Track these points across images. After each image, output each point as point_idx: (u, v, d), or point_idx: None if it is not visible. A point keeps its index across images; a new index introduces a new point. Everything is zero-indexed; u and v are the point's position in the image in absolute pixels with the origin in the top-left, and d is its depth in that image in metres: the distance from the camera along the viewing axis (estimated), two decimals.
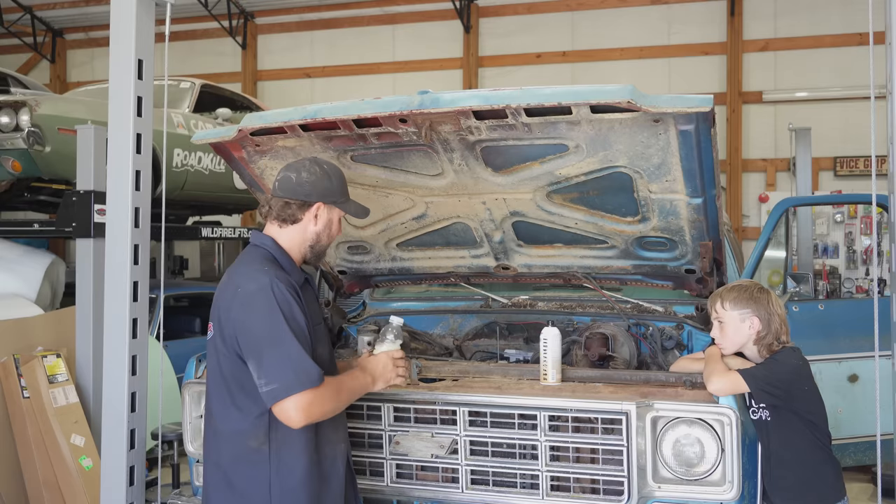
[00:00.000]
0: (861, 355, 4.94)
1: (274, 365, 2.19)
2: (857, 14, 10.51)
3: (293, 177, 2.46)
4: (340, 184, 2.54)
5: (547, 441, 2.65)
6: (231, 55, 13.43)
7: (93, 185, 4.73)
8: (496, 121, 2.63)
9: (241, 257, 2.49)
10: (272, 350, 2.19)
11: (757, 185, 11.34)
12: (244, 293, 2.27)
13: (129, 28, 3.31)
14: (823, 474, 2.73)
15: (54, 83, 14.12)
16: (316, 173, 2.48)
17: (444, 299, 4.15)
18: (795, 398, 2.68)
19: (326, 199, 2.49)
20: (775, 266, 7.85)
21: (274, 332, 2.21)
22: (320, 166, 2.51)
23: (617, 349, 3.27)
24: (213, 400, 2.37)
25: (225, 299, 2.32)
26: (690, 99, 2.42)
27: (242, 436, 2.29)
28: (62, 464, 4.32)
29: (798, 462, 2.73)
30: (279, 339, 2.20)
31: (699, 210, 2.96)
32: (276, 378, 2.18)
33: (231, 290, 2.31)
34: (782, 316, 2.78)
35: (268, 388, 2.18)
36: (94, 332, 4.55)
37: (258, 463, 2.28)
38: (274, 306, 2.23)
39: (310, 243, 2.51)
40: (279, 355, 2.19)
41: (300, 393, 2.18)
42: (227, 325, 2.27)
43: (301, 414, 2.19)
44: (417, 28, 12.65)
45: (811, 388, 2.74)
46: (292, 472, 2.29)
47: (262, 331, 2.21)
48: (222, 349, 2.30)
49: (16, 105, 5.56)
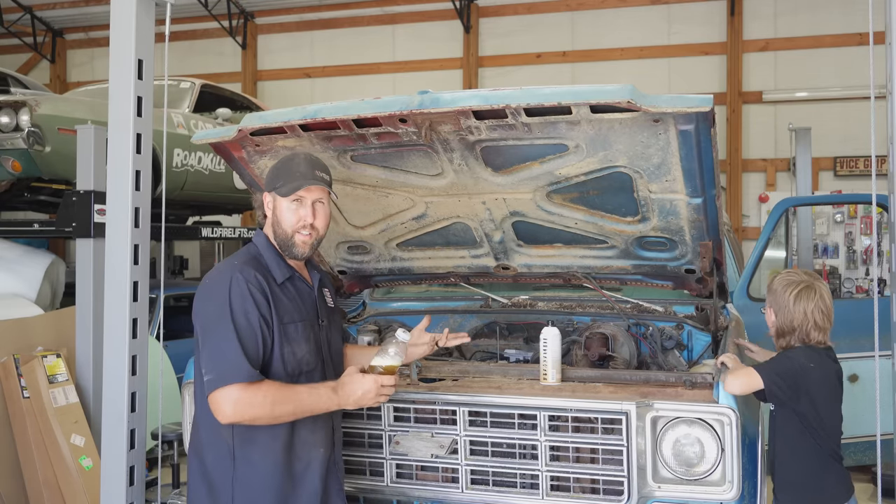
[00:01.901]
0: (861, 355, 4.94)
1: (212, 355, 2.22)
2: (857, 14, 10.52)
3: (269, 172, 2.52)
4: (287, 168, 2.44)
5: (547, 441, 2.65)
6: (231, 55, 13.43)
7: (93, 185, 4.73)
8: (496, 121, 2.63)
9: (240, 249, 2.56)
10: (213, 341, 2.23)
11: (757, 185, 11.34)
12: (205, 285, 2.34)
13: (129, 28, 3.31)
14: (821, 480, 2.73)
15: (54, 83, 14.12)
16: (279, 163, 2.49)
17: (444, 299, 4.15)
18: (801, 400, 2.67)
19: (268, 188, 2.48)
20: (775, 266, 7.85)
21: (218, 323, 2.23)
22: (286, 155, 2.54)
23: (617, 349, 3.27)
24: (196, 394, 2.41)
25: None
26: (690, 99, 2.42)
27: (212, 427, 2.31)
28: (62, 464, 4.32)
29: (796, 463, 2.74)
30: (221, 331, 2.22)
31: (699, 210, 2.96)
32: (212, 368, 2.21)
33: (204, 284, 2.38)
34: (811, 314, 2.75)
35: (207, 377, 2.22)
36: (94, 332, 4.55)
37: (223, 456, 2.30)
38: (225, 298, 2.25)
39: (273, 236, 2.49)
40: (217, 347, 2.21)
41: (228, 386, 2.18)
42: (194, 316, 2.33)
43: (228, 407, 2.18)
44: (417, 28, 12.65)
45: (823, 395, 2.70)
46: (255, 468, 2.29)
47: (210, 321, 2.26)
48: (196, 342, 2.36)
49: (16, 105, 5.56)
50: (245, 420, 2.22)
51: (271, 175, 2.47)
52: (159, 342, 4.24)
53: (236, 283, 2.28)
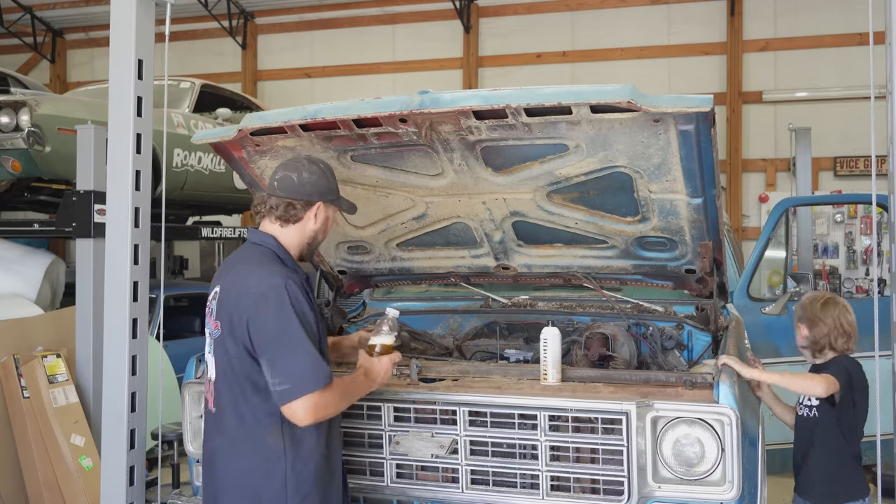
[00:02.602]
0: (861, 355, 4.93)
1: (287, 365, 2.21)
2: (857, 14, 10.52)
3: (294, 177, 2.48)
4: (335, 181, 2.59)
5: (547, 441, 2.65)
6: (231, 55, 13.43)
7: (93, 185, 4.73)
8: (496, 121, 2.63)
9: (244, 256, 2.47)
10: (285, 351, 2.21)
11: (757, 185, 11.34)
12: (258, 293, 2.27)
13: (129, 28, 3.31)
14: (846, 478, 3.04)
15: (54, 83, 14.12)
16: (316, 172, 2.51)
17: (444, 299, 4.15)
18: (849, 402, 2.98)
19: (326, 198, 2.53)
20: (775, 266, 7.84)
21: (287, 332, 2.22)
22: (317, 165, 2.54)
23: (617, 349, 3.27)
24: (225, 400, 2.35)
25: (236, 298, 2.31)
26: (690, 99, 2.42)
27: (258, 433, 2.29)
28: (62, 464, 4.32)
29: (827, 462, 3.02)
30: (292, 340, 2.22)
31: (699, 210, 2.96)
32: (289, 378, 2.21)
33: (243, 290, 2.31)
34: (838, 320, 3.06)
35: (281, 387, 2.21)
36: (94, 332, 4.55)
37: (274, 459, 2.29)
38: (287, 307, 2.24)
39: (308, 241, 2.54)
40: (292, 356, 2.21)
41: (311, 394, 2.21)
42: (240, 324, 2.27)
43: (310, 414, 2.22)
44: (417, 28, 12.65)
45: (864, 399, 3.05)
46: (306, 465, 2.32)
47: (276, 331, 2.23)
48: (233, 349, 2.29)
49: (16, 105, 5.55)
50: (321, 419, 2.28)
51: (325, 184, 2.51)
52: (159, 342, 4.24)
53: (291, 289, 2.28)
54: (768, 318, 4.91)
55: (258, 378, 2.26)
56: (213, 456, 2.42)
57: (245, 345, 2.26)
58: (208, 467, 2.44)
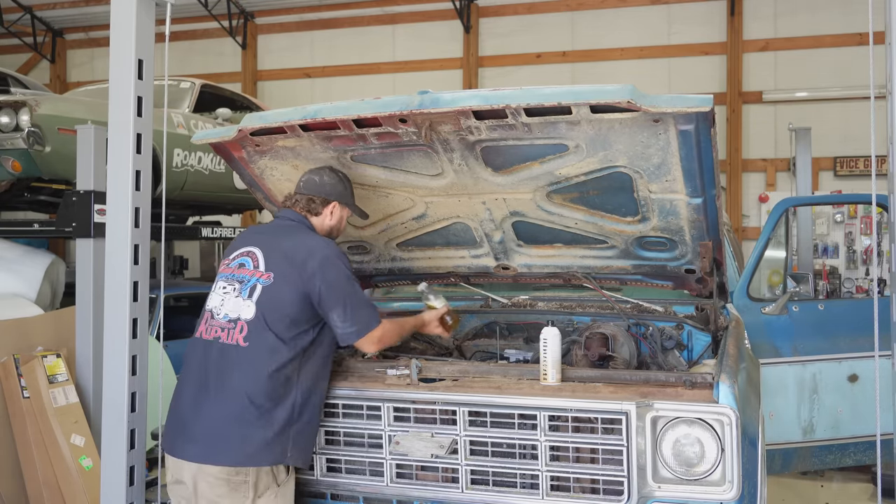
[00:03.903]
0: (861, 355, 4.93)
1: (356, 312, 2.74)
2: (857, 14, 10.53)
3: (316, 178, 2.99)
4: (351, 189, 3.06)
5: (547, 441, 2.65)
6: (231, 55, 13.43)
7: (93, 185, 4.72)
8: (496, 121, 2.63)
9: (285, 226, 2.93)
10: (353, 299, 2.75)
11: (757, 185, 11.35)
12: (324, 256, 2.76)
13: (129, 28, 3.31)
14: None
15: (54, 83, 14.13)
16: (334, 178, 3.00)
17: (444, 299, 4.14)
18: None
19: (341, 200, 3.00)
20: (775, 266, 7.85)
21: (351, 285, 2.78)
22: (336, 173, 3.03)
23: (617, 349, 3.27)
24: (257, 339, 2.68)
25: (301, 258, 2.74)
26: (690, 99, 2.42)
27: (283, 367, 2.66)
28: (62, 464, 4.32)
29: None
30: (355, 292, 2.78)
31: (699, 210, 2.96)
32: (358, 321, 2.74)
33: (306, 251, 2.77)
34: None
35: (351, 328, 2.73)
36: (94, 332, 4.55)
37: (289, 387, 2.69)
38: (347, 266, 2.81)
39: (324, 234, 2.99)
40: (353, 302, 2.75)
41: (374, 330, 2.78)
42: (304, 277, 2.71)
43: (375, 344, 2.82)
44: (417, 28, 12.66)
45: None
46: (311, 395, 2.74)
47: (337, 283, 2.74)
48: (288, 295, 2.70)
49: (16, 105, 5.55)
50: (385, 346, 2.88)
51: (341, 189, 2.99)
52: (159, 342, 4.24)
53: (342, 254, 2.86)
54: (768, 318, 4.91)
55: (302, 321, 2.72)
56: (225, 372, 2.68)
57: (307, 292, 2.70)
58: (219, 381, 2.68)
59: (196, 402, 2.70)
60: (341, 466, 2.88)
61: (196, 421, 2.67)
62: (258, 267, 2.79)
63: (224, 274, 2.87)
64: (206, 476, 2.62)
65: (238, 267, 2.84)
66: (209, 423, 2.64)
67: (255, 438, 2.61)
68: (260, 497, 2.64)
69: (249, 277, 2.78)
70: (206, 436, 2.63)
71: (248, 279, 2.78)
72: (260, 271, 2.78)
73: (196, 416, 2.68)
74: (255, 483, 2.62)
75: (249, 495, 2.61)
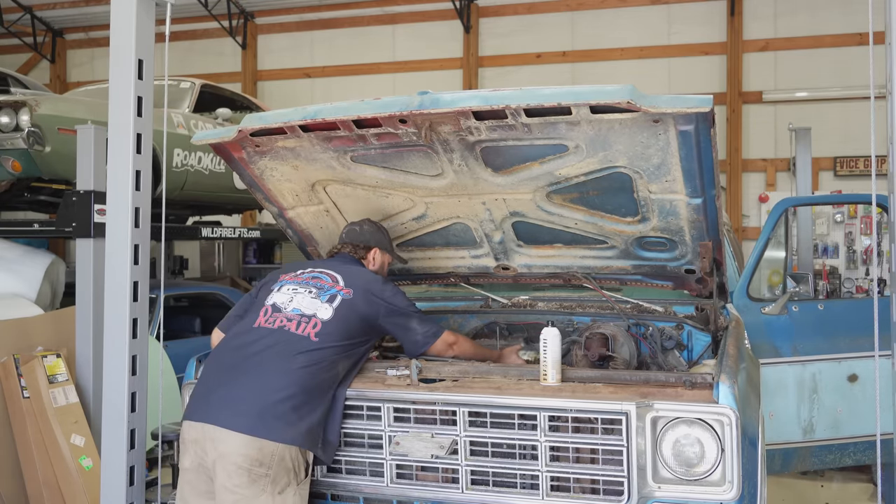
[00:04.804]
0: (861, 355, 4.93)
1: (426, 320, 3.13)
2: (857, 14, 10.52)
3: (357, 228, 3.31)
4: (388, 237, 3.38)
5: (547, 441, 2.65)
6: (231, 55, 13.43)
7: (93, 185, 4.72)
8: (496, 121, 2.63)
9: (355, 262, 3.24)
10: (420, 314, 3.13)
11: (757, 185, 11.34)
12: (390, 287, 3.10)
13: (129, 28, 3.31)
14: None
15: (54, 83, 14.12)
16: (372, 227, 3.32)
17: (444, 299, 4.15)
18: None
19: (380, 246, 3.29)
20: (775, 266, 7.85)
21: (409, 306, 3.11)
22: (375, 224, 3.35)
23: (617, 349, 3.27)
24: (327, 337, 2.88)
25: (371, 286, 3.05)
26: (690, 99, 2.42)
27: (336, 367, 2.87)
28: (62, 464, 4.32)
29: None
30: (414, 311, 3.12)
31: (699, 210, 2.96)
32: (432, 325, 3.12)
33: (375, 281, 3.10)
34: None
35: (431, 329, 3.08)
36: (94, 332, 4.55)
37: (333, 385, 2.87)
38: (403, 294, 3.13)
39: None
40: (420, 318, 3.11)
41: (445, 333, 3.13)
42: (374, 301, 3.00)
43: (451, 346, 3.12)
44: (417, 28, 12.65)
45: None
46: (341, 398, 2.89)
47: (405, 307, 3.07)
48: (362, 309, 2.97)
49: (16, 105, 5.55)
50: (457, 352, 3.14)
51: (380, 237, 3.32)
52: (159, 342, 4.24)
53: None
54: (768, 318, 4.91)
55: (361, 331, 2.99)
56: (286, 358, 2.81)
57: (375, 314, 3.00)
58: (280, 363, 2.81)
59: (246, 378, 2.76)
60: (341, 467, 2.88)
61: (244, 395, 2.71)
62: (337, 282, 3.06)
63: (293, 281, 3.08)
64: (228, 464, 2.62)
65: (312, 278, 3.08)
66: (260, 399, 2.69)
67: (301, 423, 2.71)
68: (279, 494, 2.65)
69: (329, 288, 3.03)
70: (255, 410, 2.68)
71: (327, 288, 3.03)
72: (340, 285, 3.04)
73: (246, 391, 2.72)
74: (274, 478, 2.64)
75: (268, 489, 2.62)
